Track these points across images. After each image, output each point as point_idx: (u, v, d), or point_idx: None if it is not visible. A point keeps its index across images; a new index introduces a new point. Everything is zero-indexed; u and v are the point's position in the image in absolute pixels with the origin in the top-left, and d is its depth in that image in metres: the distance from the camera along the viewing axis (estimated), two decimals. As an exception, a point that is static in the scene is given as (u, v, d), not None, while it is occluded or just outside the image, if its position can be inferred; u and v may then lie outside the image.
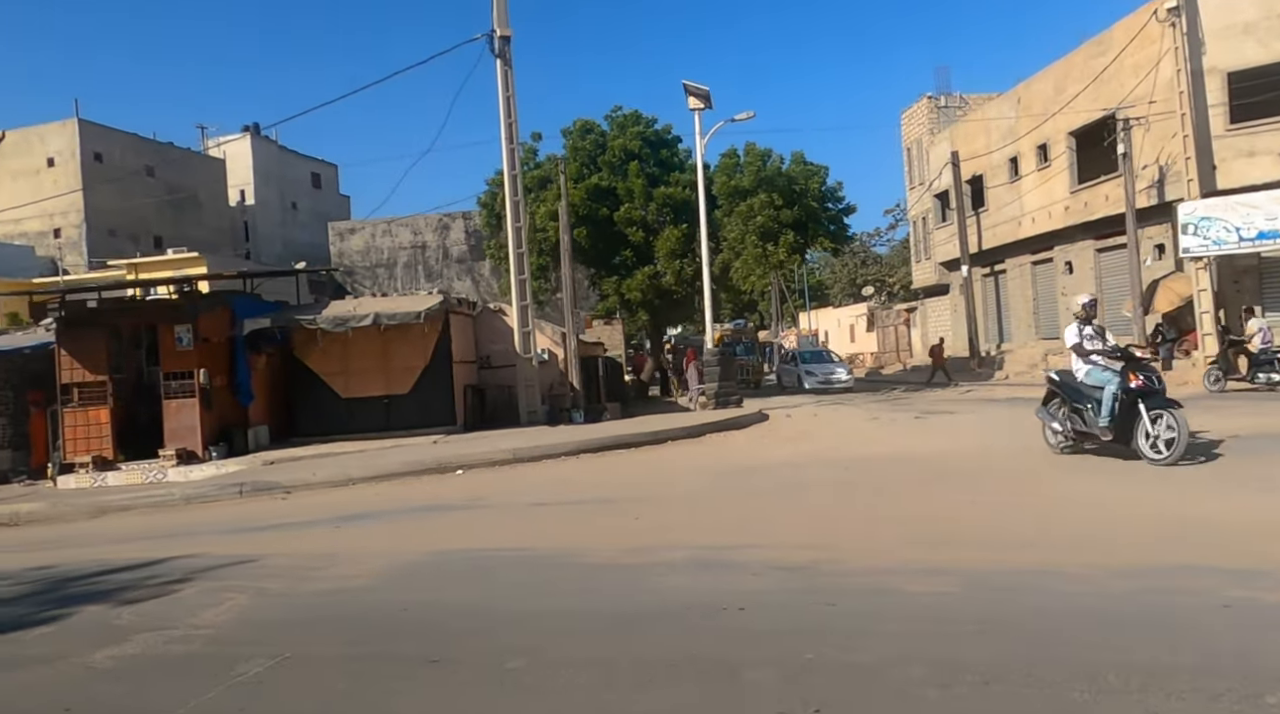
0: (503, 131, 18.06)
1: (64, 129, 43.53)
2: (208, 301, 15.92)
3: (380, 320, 15.69)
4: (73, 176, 43.16)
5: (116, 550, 9.05)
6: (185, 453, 15.34)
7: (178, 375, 15.59)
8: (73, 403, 15.67)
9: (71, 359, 15.65)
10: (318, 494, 12.57)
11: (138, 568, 7.74)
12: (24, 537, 11.65)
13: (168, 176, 47.79)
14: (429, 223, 40.91)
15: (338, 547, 8.14)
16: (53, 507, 13.24)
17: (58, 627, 5.82)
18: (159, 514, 12.41)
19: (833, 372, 28.46)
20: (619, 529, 7.93)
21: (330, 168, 63.21)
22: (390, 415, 17.14)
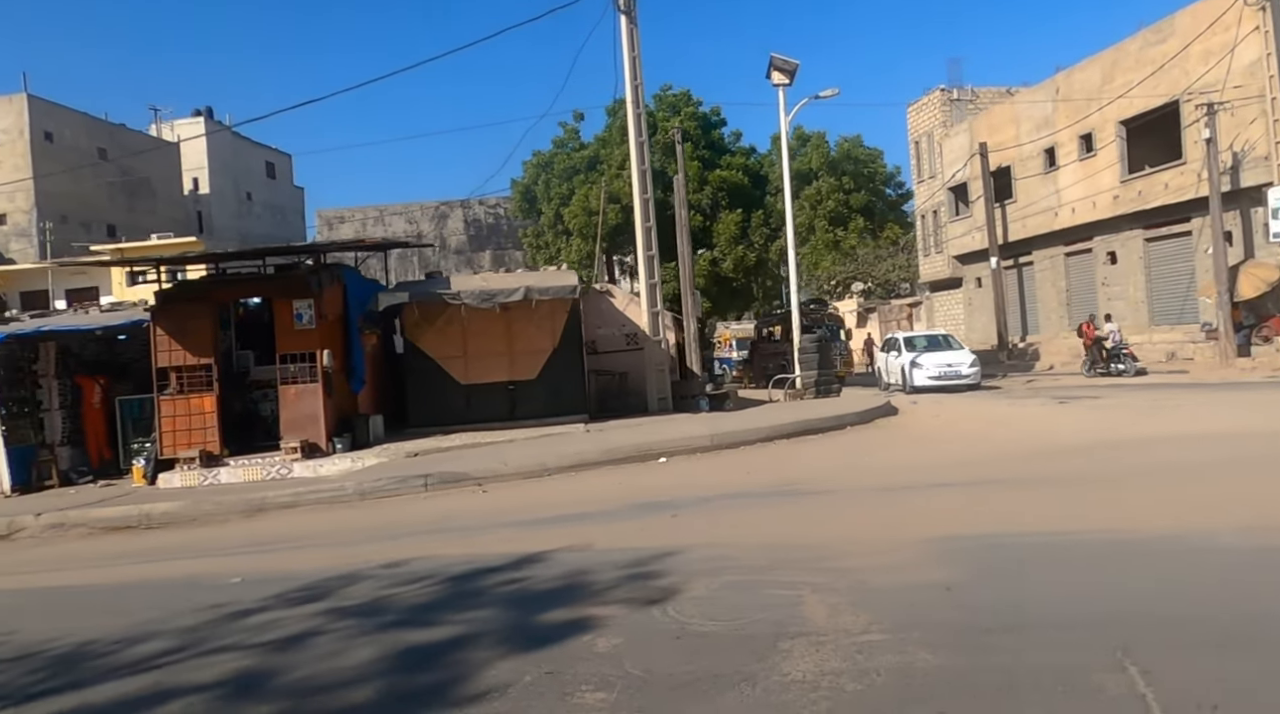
0: (628, 94, 16.75)
1: (10, 105, 39.58)
2: (326, 274, 14.05)
3: (531, 295, 14.15)
4: (20, 157, 39.31)
5: (394, 548, 7.53)
6: (308, 445, 13.49)
7: (296, 357, 13.71)
8: (170, 390, 13.60)
9: (170, 340, 13.59)
10: (516, 487, 11.14)
11: (527, 563, 6.29)
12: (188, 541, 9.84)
13: (120, 161, 44.11)
14: (425, 211, 38.84)
15: (762, 535, 6.80)
16: (194, 506, 11.36)
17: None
18: (342, 511, 10.77)
19: (954, 364, 21.20)
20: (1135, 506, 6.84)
21: (285, 158, 59.81)
22: (515, 403, 15.55)
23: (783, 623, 4.38)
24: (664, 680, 3.81)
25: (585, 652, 4.27)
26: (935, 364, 21.32)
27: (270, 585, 6.42)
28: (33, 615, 6.26)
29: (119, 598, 6.76)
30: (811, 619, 4.41)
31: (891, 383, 22.73)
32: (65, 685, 4.61)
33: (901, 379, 21.93)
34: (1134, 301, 26.81)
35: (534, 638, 4.57)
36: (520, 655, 4.30)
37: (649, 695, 3.67)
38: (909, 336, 23.18)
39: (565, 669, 4.04)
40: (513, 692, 3.83)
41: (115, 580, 7.69)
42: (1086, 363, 23.80)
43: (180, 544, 9.71)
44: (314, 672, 4.42)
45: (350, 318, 14.65)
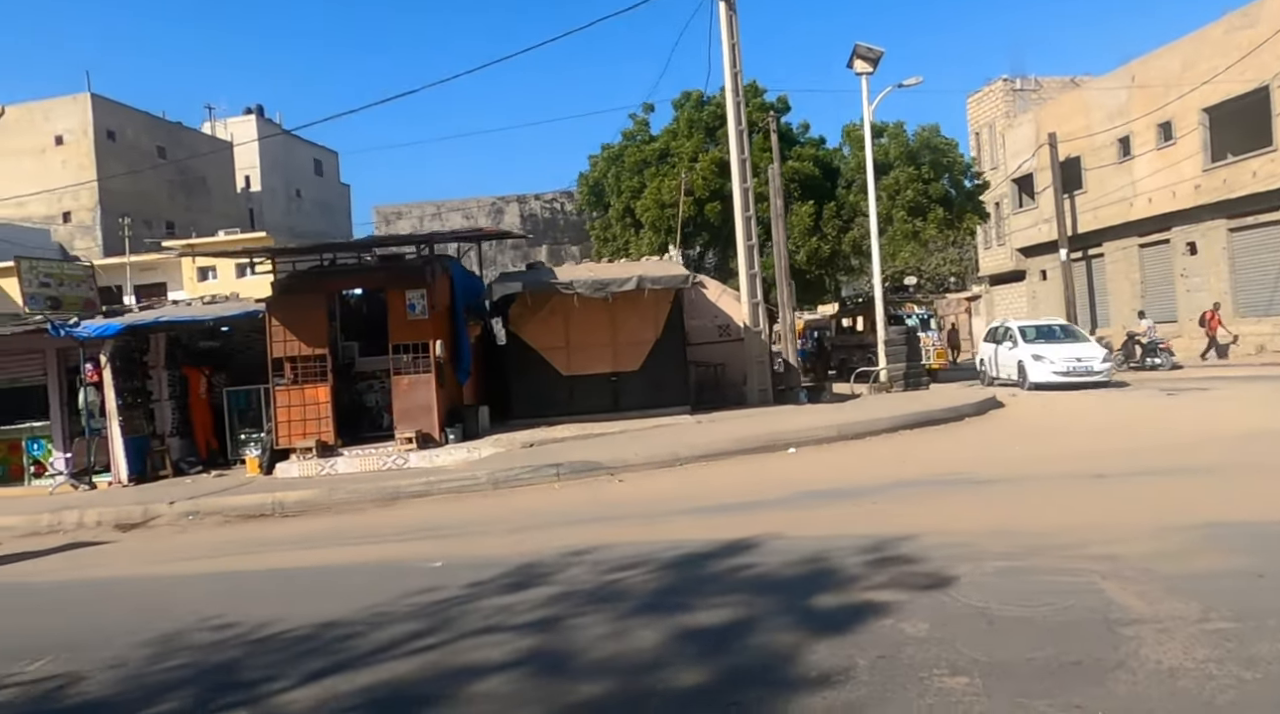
0: (727, 82, 16.60)
1: (75, 104, 40.19)
2: (437, 265, 14.01)
3: (644, 284, 14.02)
4: (85, 155, 39.94)
5: (569, 535, 7.44)
6: (422, 436, 13.46)
7: (408, 348, 13.69)
8: (285, 380, 13.63)
9: (285, 330, 13.62)
10: (651, 476, 11.01)
11: (741, 549, 6.14)
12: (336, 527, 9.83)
13: (178, 159, 44.66)
14: (482, 206, 38.88)
15: (982, 522, 6.59)
16: (328, 494, 11.37)
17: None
18: (477, 500, 10.72)
19: (1084, 358, 18.33)
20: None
21: (331, 155, 60.31)
22: (618, 395, 15.45)
23: (1099, 609, 4.20)
24: (1020, 665, 3.65)
25: (899, 636, 4.12)
26: (1062, 358, 18.37)
27: (473, 571, 6.32)
28: (245, 599, 6.21)
29: (324, 582, 6.72)
30: (1130, 606, 4.22)
31: (1000, 377, 20.27)
32: (333, 667, 4.53)
33: (1019, 374, 19.09)
34: (1216, 293, 26.17)
35: (825, 622, 4.42)
36: (826, 639, 4.16)
37: (1017, 679, 3.51)
38: (1022, 325, 20.20)
39: (895, 653, 3.89)
40: (859, 675, 3.68)
41: (302, 565, 7.64)
42: (1120, 357, 23.74)
43: (331, 531, 9.70)
44: (611, 652, 4.31)
45: (456, 309, 14.62)
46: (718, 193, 25.34)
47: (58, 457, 15.67)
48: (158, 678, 4.64)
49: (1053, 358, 18.46)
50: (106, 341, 14.04)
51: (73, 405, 15.78)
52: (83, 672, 4.84)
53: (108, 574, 8.33)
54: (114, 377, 14.21)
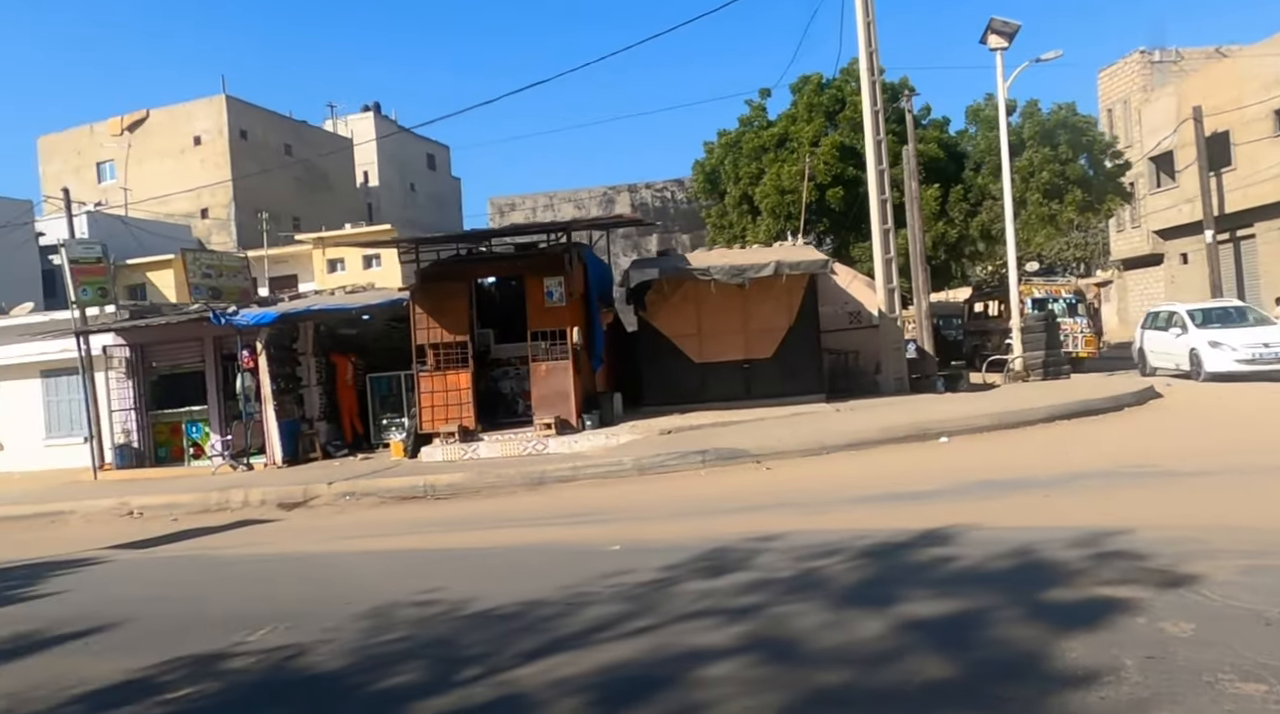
0: (862, 61, 16.18)
1: (211, 106, 42.43)
2: (573, 253, 14.14)
3: (782, 269, 13.81)
4: (221, 154, 42.11)
5: (742, 521, 7.33)
6: (560, 422, 13.61)
7: (546, 335, 13.86)
8: (428, 367, 14.00)
9: (428, 318, 13.98)
10: (801, 464, 10.79)
11: (936, 540, 5.89)
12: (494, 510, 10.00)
13: (304, 156, 46.61)
14: (593, 196, 39.16)
15: (1199, 516, 6.18)
16: (478, 478, 11.61)
17: None
18: (625, 485, 10.75)
19: (1270, 342, 16.04)
20: None
21: (443, 149, 61.92)
22: (750, 382, 15.28)
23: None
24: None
25: (1161, 635, 3.85)
26: (1246, 343, 16.01)
27: (656, 556, 6.29)
28: (435, 578, 6.34)
29: (507, 562, 6.82)
30: None
31: (1163, 367, 18.19)
32: (552, 646, 4.54)
33: (1191, 363, 16.89)
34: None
35: (1066, 618, 4.18)
36: (1077, 636, 3.92)
37: (1328, 687, 3.20)
38: (1191, 309, 18.10)
39: (1164, 654, 3.63)
40: (1129, 675, 3.45)
41: (476, 545, 7.79)
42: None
43: (488, 513, 9.89)
44: (839, 641, 4.18)
45: (590, 296, 14.71)
46: (839, 178, 24.80)
47: (215, 439, 16.57)
48: (382, 650, 4.76)
49: (1234, 344, 16.24)
50: (262, 329, 14.73)
51: (227, 391, 16.67)
52: (305, 643, 5.01)
53: (290, 550, 8.70)
54: (269, 363, 14.89)
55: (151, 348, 17.02)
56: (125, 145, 42.20)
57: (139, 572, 8.35)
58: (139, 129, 43.14)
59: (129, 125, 43.43)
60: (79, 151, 44.93)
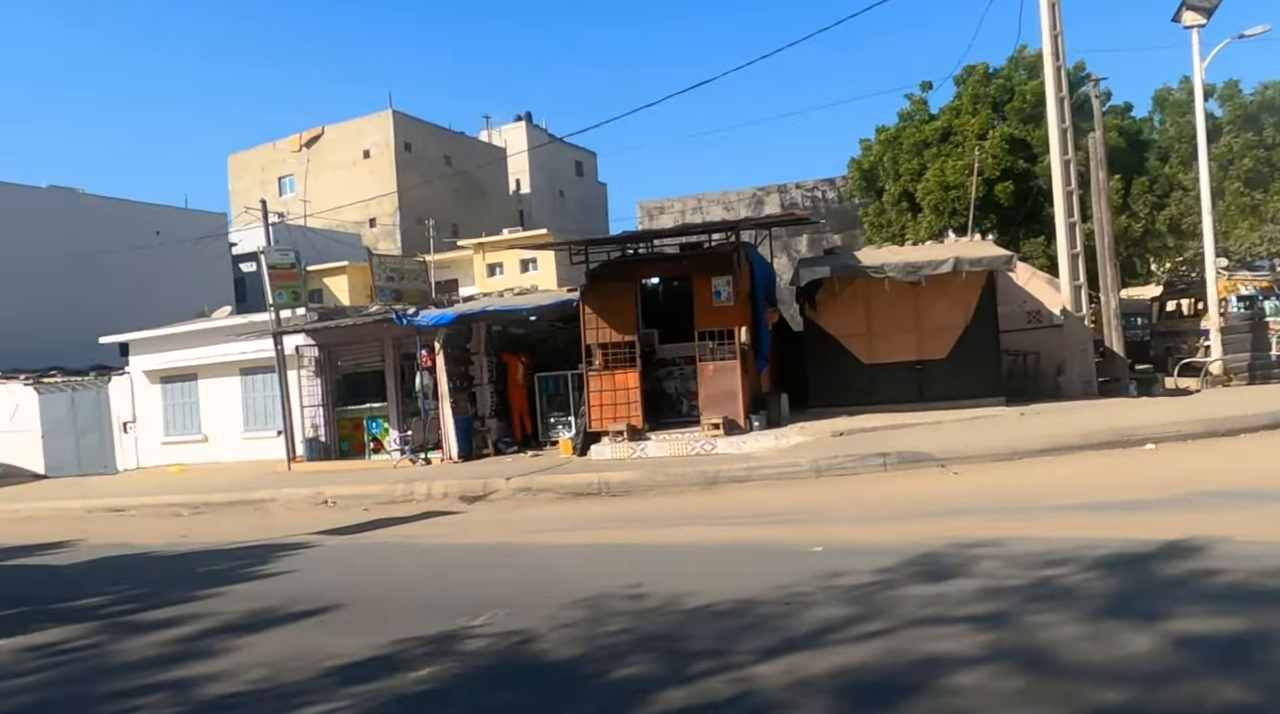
0: (1046, 45, 15.27)
1: (379, 121, 44.98)
2: (742, 252, 14.06)
3: (961, 266, 13.24)
4: (388, 165, 44.55)
5: (946, 526, 6.97)
6: (728, 422, 13.52)
7: (713, 335, 13.81)
8: (597, 366, 14.23)
9: (597, 318, 14.21)
10: (989, 469, 10.24)
11: (1183, 552, 5.39)
12: (671, 508, 9.98)
13: (462, 165, 48.64)
14: (742, 198, 38.88)
15: None
16: (650, 476, 11.65)
17: None
18: (803, 486, 10.50)
19: None
20: None
21: (590, 155, 63.19)
22: (923, 384, 14.70)
23: None
24: None
25: None
26: None
27: (864, 558, 6.08)
28: (638, 572, 6.36)
29: (706, 559, 6.77)
30: None
31: None
32: (784, 645, 4.45)
33: None
34: None
35: (1378, 643, 3.71)
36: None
37: None
38: None
39: None
40: None
41: (666, 542, 7.80)
42: None
43: (668, 511, 9.91)
44: (1105, 656, 3.88)
45: (757, 295, 14.56)
46: (1009, 171, 23.61)
47: (393, 434, 17.46)
48: (608, 641, 4.80)
49: None
50: (440, 330, 15.40)
51: (404, 388, 17.54)
52: (531, 630, 5.12)
53: (481, 541, 8.99)
54: (445, 362, 15.55)
55: (337, 348, 18.14)
56: (304, 160, 45.37)
57: (348, 556, 8.85)
58: (315, 145, 46.29)
59: (307, 142, 46.68)
60: (263, 167, 48.65)
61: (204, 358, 20.54)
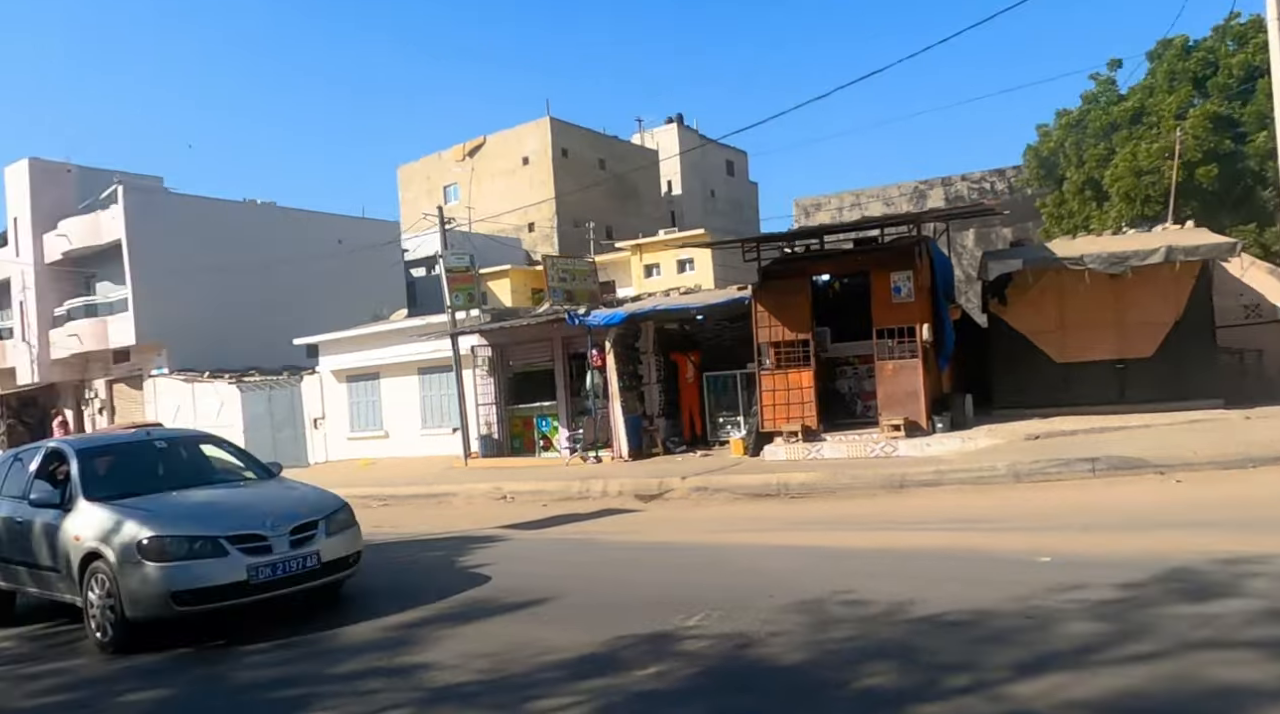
0: (1270, 8, 13.75)
1: (537, 129, 46.31)
2: (923, 245, 13.44)
3: (1174, 256, 12.13)
4: (546, 172, 45.78)
5: (1189, 539, 6.23)
6: (909, 423, 12.93)
7: (892, 332, 13.26)
8: (769, 365, 13.96)
9: (770, 316, 13.95)
10: (1218, 479, 9.21)
11: None
12: (857, 512, 9.59)
13: (615, 168, 49.35)
14: (903, 192, 37.48)
15: None
16: (832, 478, 11.27)
17: None
18: (999, 492, 9.87)
19: None
20: None
21: (741, 155, 62.71)
22: (1124, 384, 13.57)
23: None
24: None
25: None
26: None
27: (1102, 571, 5.57)
28: (843, 576, 6.09)
29: (921, 566, 6.41)
30: None
31: None
32: (1037, 663, 4.08)
33: None
34: None
35: None
36: None
37: None
38: None
39: None
40: None
41: (865, 545, 7.47)
42: None
43: (855, 514, 9.56)
44: None
45: (937, 291, 13.88)
46: (1213, 153, 21.54)
47: (562, 432, 17.81)
48: (837, 648, 4.59)
49: None
50: (611, 329, 15.55)
51: (572, 388, 17.87)
52: (749, 633, 4.97)
53: (668, 539, 8.92)
54: (616, 361, 15.70)
55: (509, 348, 18.71)
56: (468, 169, 47.31)
57: (540, 550, 9.01)
58: (478, 154, 48.17)
59: (469, 151, 48.65)
60: (429, 177, 51.09)
61: (385, 358, 21.69)
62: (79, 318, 29.02)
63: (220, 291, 27.23)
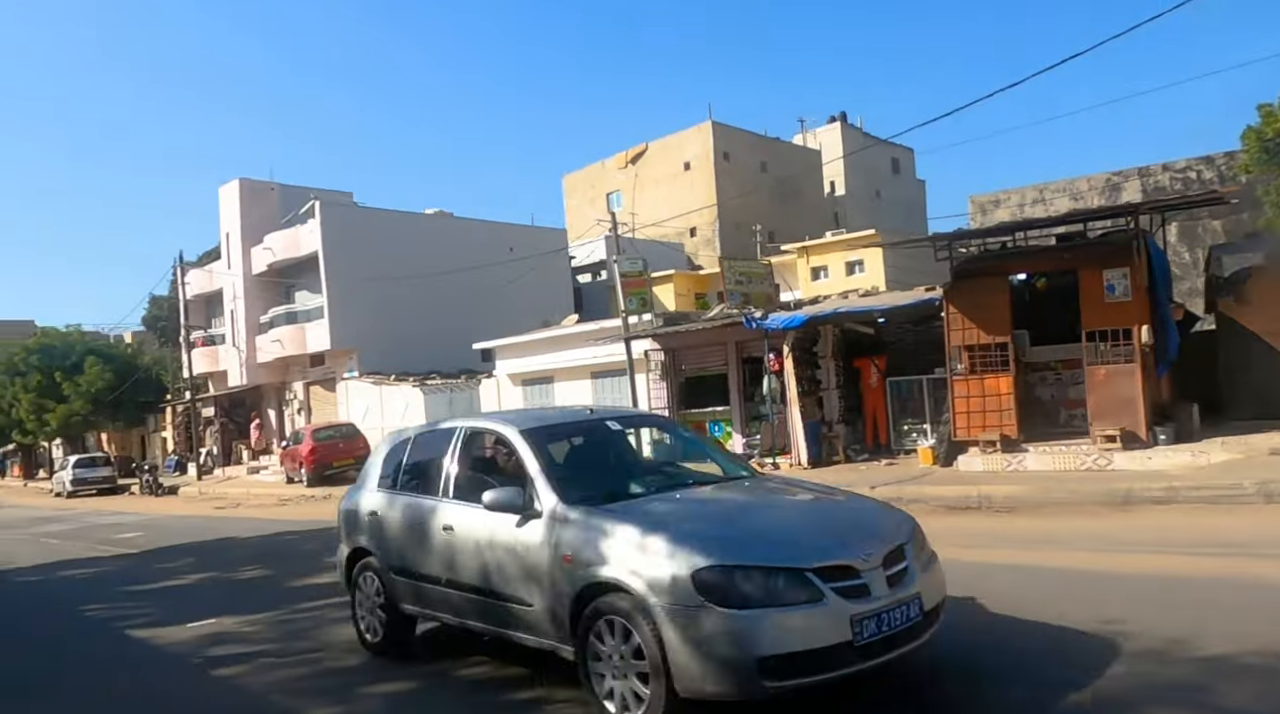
0: None
1: (699, 134, 46.36)
2: (1141, 239, 12.29)
3: None
4: (707, 177, 45.74)
5: None
6: (1126, 434, 11.80)
7: (1104, 335, 12.17)
8: (963, 370, 13.16)
9: (963, 318, 13.14)
10: None
11: None
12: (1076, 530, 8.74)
13: (776, 170, 48.65)
14: (1093, 185, 34.82)
15: None
16: (1042, 492, 10.43)
17: None
18: (1253, 514, 8.70)
19: None
20: None
21: (907, 152, 60.37)
22: (1389, 393, 11.89)
23: None
24: None
25: None
26: None
27: None
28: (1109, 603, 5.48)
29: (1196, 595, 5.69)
30: None
31: None
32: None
33: None
34: None
35: None
36: None
37: None
38: None
39: None
40: None
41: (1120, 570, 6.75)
42: None
43: (1079, 533, 8.74)
44: None
45: (1156, 290, 12.63)
46: None
47: (736, 437, 17.53)
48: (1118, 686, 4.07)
49: None
50: (789, 333, 15.15)
51: (745, 392, 17.56)
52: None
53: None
54: (794, 366, 15.28)
55: (681, 352, 18.63)
56: (630, 176, 47.97)
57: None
58: (640, 161, 48.77)
59: (631, 158, 49.33)
60: (592, 184, 52.19)
61: (559, 362, 22.14)
62: (281, 325, 31.41)
63: (402, 298, 28.76)
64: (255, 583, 10.17)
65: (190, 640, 7.00)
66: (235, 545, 13.92)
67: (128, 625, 7.86)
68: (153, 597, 9.82)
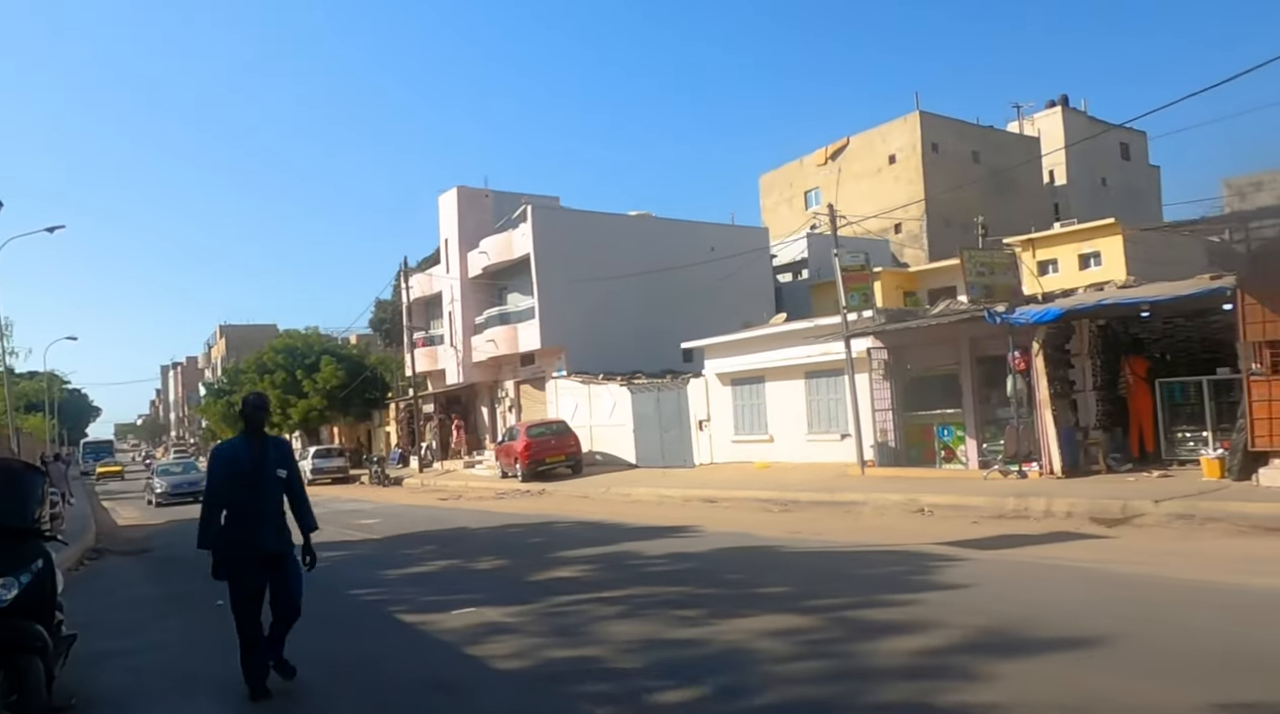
0: None
1: (904, 125, 44.28)
2: None
3: None
4: (914, 169, 43.60)
5: None
6: None
7: None
8: (1262, 370, 11.39)
9: (1263, 310, 11.38)
10: None
11: None
12: None
13: (990, 161, 45.58)
14: (1385, 160, 30.00)
15: None
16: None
17: None
18: None
19: None
20: None
21: (1139, 136, 54.90)
22: None
23: None
24: None
25: None
26: None
27: None
28: None
29: None
30: None
31: None
32: None
33: None
34: None
35: None
36: None
37: None
38: None
39: None
40: None
41: None
42: None
43: None
44: None
45: None
46: None
47: (969, 443, 16.25)
48: None
49: None
50: (1039, 329, 13.80)
51: (980, 394, 16.22)
52: None
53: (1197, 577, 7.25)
54: (1045, 364, 13.90)
55: (905, 350, 17.54)
56: (833, 172, 46.46)
57: (1014, 575, 7.84)
58: (840, 156, 47.19)
59: (831, 154, 47.82)
60: (790, 183, 51.09)
61: (769, 362, 21.56)
62: (494, 325, 32.76)
63: (607, 298, 29.16)
64: (496, 573, 10.30)
65: (459, 629, 7.02)
66: (468, 536, 14.35)
67: (396, 610, 8.06)
68: (408, 582, 10.16)
